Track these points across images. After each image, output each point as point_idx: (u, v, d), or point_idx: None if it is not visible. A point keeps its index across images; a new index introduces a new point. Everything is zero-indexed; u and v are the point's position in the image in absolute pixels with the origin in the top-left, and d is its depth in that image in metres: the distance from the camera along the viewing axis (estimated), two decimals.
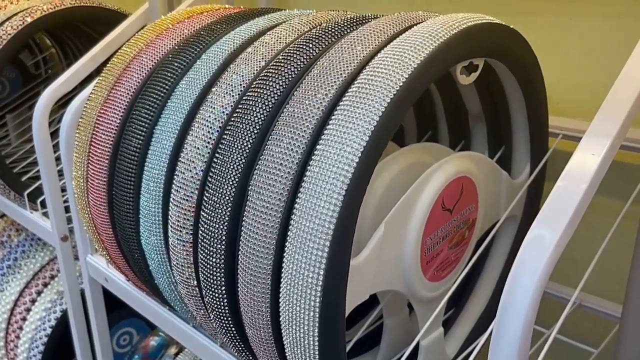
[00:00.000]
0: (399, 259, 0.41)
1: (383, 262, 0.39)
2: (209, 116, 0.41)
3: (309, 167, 0.34)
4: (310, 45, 0.40)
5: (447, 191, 0.43)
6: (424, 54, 0.35)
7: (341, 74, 0.36)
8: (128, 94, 0.49)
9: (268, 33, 0.45)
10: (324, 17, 0.46)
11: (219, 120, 0.41)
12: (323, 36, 0.41)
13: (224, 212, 0.38)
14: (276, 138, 0.36)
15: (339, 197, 0.32)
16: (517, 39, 0.43)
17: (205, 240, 0.39)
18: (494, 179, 0.49)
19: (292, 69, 0.39)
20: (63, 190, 0.73)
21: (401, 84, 0.34)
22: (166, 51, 0.49)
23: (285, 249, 0.34)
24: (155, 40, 0.51)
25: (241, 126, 0.38)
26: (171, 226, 0.43)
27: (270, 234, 0.35)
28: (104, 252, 0.55)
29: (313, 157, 0.34)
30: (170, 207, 0.43)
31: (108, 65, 0.53)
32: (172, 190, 0.42)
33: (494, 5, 0.63)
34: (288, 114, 0.36)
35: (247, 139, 0.38)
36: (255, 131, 0.38)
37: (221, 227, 0.38)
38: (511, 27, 0.42)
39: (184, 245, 0.42)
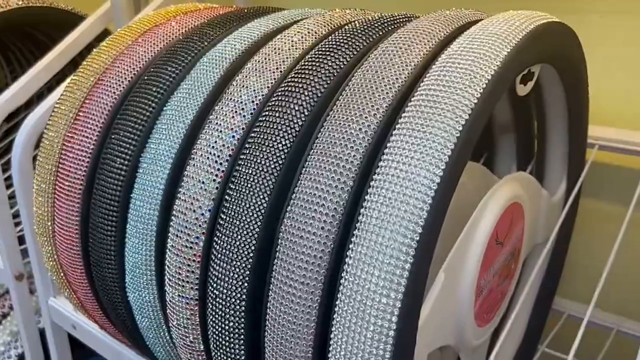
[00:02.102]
0: (455, 308, 0.34)
1: (443, 315, 0.32)
2: (215, 142, 0.33)
3: (362, 212, 0.26)
4: (341, 51, 0.33)
5: (500, 222, 0.36)
6: (498, 61, 0.28)
7: (391, 87, 0.29)
8: (103, 112, 0.40)
9: (277, 37, 0.37)
10: (342, 17, 0.38)
11: (228, 147, 0.33)
12: (354, 40, 0.34)
13: (244, 264, 0.30)
14: (312, 172, 0.28)
15: (408, 252, 0.25)
16: (573, 39, 0.37)
17: (218, 298, 0.31)
18: (537, 200, 0.43)
19: (322, 81, 0.31)
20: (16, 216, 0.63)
21: (476, 101, 0.26)
22: (149, 58, 0.41)
23: (335, 315, 0.27)
24: (133, 45, 0.42)
25: (261, 155, 0.31)
26: (169, 279, 0.34)
27: (311, 295, 0.27)
28: (76, 302, 0.46)
29: (367, 198, 0.26)
30: (167, 256, 0.34)
31: (75, 76, 0.44)
32: (170, 234, 0.34)
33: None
34: (325, 141, 0.29)
35: (270, 172, 0.30)
36: (280, 161, 0.30)
37: (240, 282, 0.30)
38: (569, 26, 0.36)
39: (187, 303, 0.34)
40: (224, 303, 0.31)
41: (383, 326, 0.25)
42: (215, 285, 0.31)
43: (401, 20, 0.36)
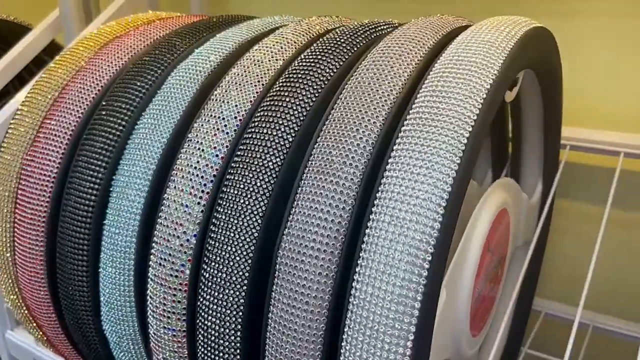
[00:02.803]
0: (454, 322, 0.33)
1: (444, 332, 0.31)
2: (197, 162, 0.31)
3: (367, 232, 0.25)
4: (326, 62, 0.31)
5: (491, 230, 0.35)
6: (495, 70, 0.27)
7: (386, 99, 0.28)
8: (66, 132, 0.37)
9: (255, 48, 0.35)
10: (320, 25, 0.37)
11: (211, 167, 0.31)
12: (338, 49, 0.32)
13: (238, 292, 0.28)
14: (309, 191, 0.27)
15: (421, 274, 0.24)
16: (553, 43, 0.37)
17: (210, 329, 0.29)
18: (518, 204, 0.43)
19: (310, 94, 0.30)
20: None
21: (477, 112, 0.26)
22: (114, 73, 0.38)
23: (343, 344, 0.25)
24: (94, 59, 0.40)
25: (250, 175, 0.29)
26: (152, 311, 0.32)
27: (315, 323, 0.26)
28: (40, 337, 0.42)
29: (373, 217, 0.25)
30: (149, 286, 0.32)
31: (30, 94, 0.41)
32: (151, 263, 0.31)
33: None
34: (321, 158, 0.27)
35: (261, 192, 0.28)
36: (272, 181, 0.28)
37: (235, 311, 0.28)
38: (549, 30, 0.36)
39: (174, 335, 0.31)
40: (216, 334, 0.29)
41: (397, 352, 0.24)
42: (206, 315, 0.29)
43: (383, 28, 0.35)
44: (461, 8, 0.58)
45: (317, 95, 0.30)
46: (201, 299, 0.30)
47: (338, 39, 0.33)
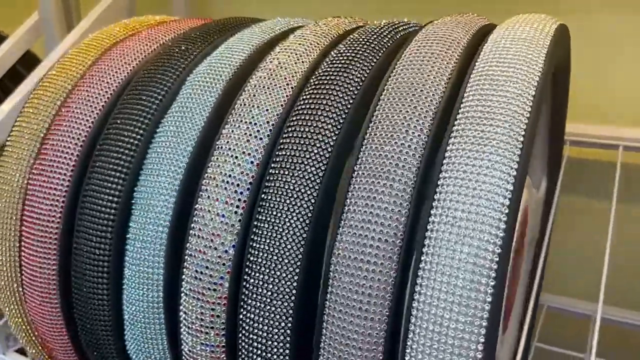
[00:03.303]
0: None
1: None
2: (232, 169, 0.30)
3: (428, 235, 0.24)
4: (359, 63, 0.31)
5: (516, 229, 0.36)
6: (539, 67, 0.27)
7: (431, 99, 0.27)
8: (76, 143, 0.35)
9: (277, 50, 0.34)
10: (338, 26, 0.36)
11: (247, 175, 0.29)
12: (368, 50, 0.32)
13: (286, 302, 0.27)
14: (362, 195, 0.26)
15: (487, 282, 0.23)
16: (569, 40, 0.37)
17: (256, 343, 0.28)
18: (531, 200, 0.43)
19: (347, 96, 0.29)
20: None
21: (529, 109, 0.26)
22: (123, 79, 0.36)
23: (408, 351, 0.25)
24: (98, 65, 0.38)
25: (293, 181, 0.28)
26: (187, 327, 0.30)
27: (376, 330, 0.25)
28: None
29: (433, 220, 0.25)
30: (182, 302, 0.30)
31: (29, 104, 0.39)
32: (184, 277, 0.30)
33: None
34: (370, 161, 0.26)
35: (305, 199, 0.27)
36: (316, 186, 0.28)
37: (282, 322, 0.27)
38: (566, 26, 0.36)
39: (212, 351, 0.30)
40: (263, 347, 0.28)
41: (469, 356, 0.23)
42: (249, 328, 0.28)
43: (406, 28, 0.34)
44: (449, 8, 0.59)
45: (353, 97, 0.29)
46: (244, 312, 0.28)
47: (366, 40, 0.33)
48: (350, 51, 0.32)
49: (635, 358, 0.58)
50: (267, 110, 0.31)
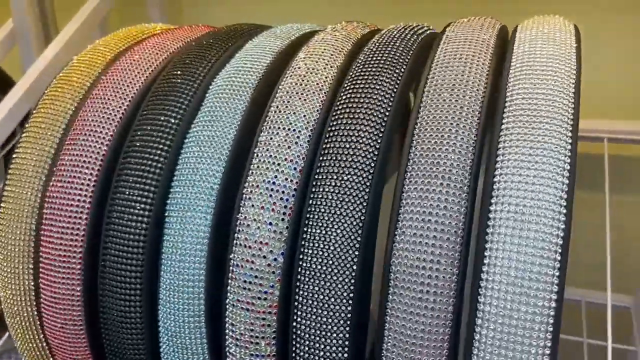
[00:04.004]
0: None
1: None
2: (275, 177, 0.29)
3: (489, 231, 0.25)
4: (392, 66, 0.31)
5: None
6: (573, 65, 0.28)
7: (474, 100, 0.28)
8: (97, 157, 0.33)
9: (301, 56, 0.34)
10: (355, 30, 0.37)
11: (291, 181, 0.29)
12: (397, 53, 0.32)
13: (342, 306, 0.27)
14: (417, 196, 0.26)
15: (553, 273, 0.24)
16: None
17: (312, 348, 0.28)
18: None
19: (385, 99, 0.30)
20: None
21: (573, 107, 0.27)
22: (139, 87, 0.35)
23: (476, 344, 0.25)
24: (109, 76, 0.36)
25: (342, 185, 0.28)
26: (236, 339, 0.30)
27: (442, 327, 0.26)
28: None
29: (492, 216, 0.25)
30: (228, 313, 0.30)
31: (35, 119, 0.37)
32: (230, 288, 0.30)
33: None
34: (424, 162, 0.27)
35: (357, 202, 0.28)
36: (366, 189, 0.28)
37: (340, 327, 0.27)
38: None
39: None
40: (320, 352, 0.28)
41: (538, 353, 0.24)
42: (304, 335, 0.28)
43: (424, 31, 0.35)
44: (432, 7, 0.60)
45: (391, 99, 0.30)
46: (298, 319, 0.28)
47: (391, 43, 0.33)
48: (379, 54, 0.32)
49: None
50: (304, 116, 0.31)
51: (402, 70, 0.31)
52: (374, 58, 0.32)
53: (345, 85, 0.31)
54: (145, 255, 0.31)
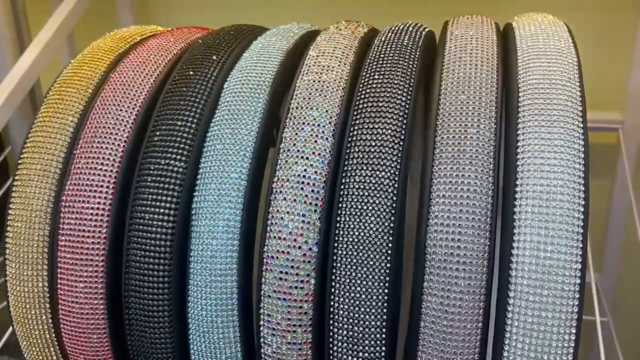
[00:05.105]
0: None
1: None
2: (305, 170, 0.30)
3: (516, 217, 0.27)
4: (404, 61, 0.33)
5: None
6: (574, 57, 0.31)
7: (491, 91, 0.30)
8: (114, 158, 0.33)
9: (312, 55, 0.35)
10: (357, 28, 0.38)
11: (321, 174, 0.31)
12: (407, 48, 0.34)
13: (378, 290, 0.29)
14: (447, 181, 0.28)
15: (577, 259, 0.27)
16: None
17: (349, 332, 0.29)
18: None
19: (404, 93, 0.31)
20: None
21: (581, 98, 0.29)
22: (149, 89, 0.35)
23: (508, 328, 0.27)
24: (115, 78, 0.36)
25: (372, 174, 0.29)
26: (272, 328, 0.31)
27: (473, 316, 0.28)
28: None
29: (517, 203, 0.27)
30: (264, 304, 0.31)
31: (39, 123, 0.36)
32: (265, 280, 0.30)
33: None
34: (450, 150, 0.29)
35: (387, 191, 0.29)
36: (395, 177, 0.29)
37: (376, 310, 0.29)
38: None
39: (300, 349, 0.31)
40: (357, 336, 0.29)
41: (565, 344, 0.26)
42: (342, 319, 0.29)
43: (424, 28, 0.37)
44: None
45: (410, 92, 0.32)
46: (335, 304, 0.29)
47: (399, 40, 0.35)
48: (390, 50, 0.34)
49: None
50: (326, 111, 0.32)
51: (415, 63, 0.33)
52: (387, 54, 0.34)
53: (363, 80, 0.33)
54: (173, 254, 0.32)
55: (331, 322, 0.30)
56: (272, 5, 0.70)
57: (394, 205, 0.29)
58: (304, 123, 0.32)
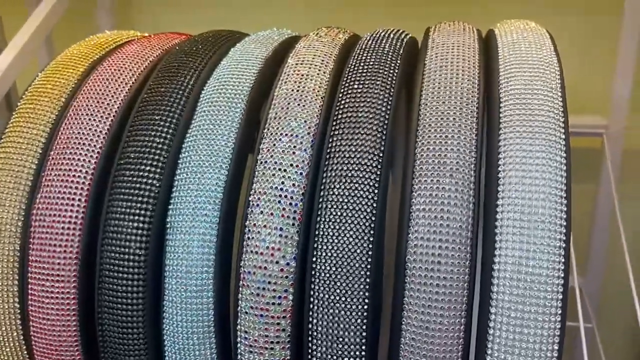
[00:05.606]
0: None
1: None
2: (282, 182, 0.30)
3: (498, 224, 0.27)
4: (385, 69, 0.32)
5: None
6: (556, 66, 0.31)
7: (471, 99, 0.30)
8: (87, 170, 0.32)
9: (292, 63, 0.34)
10: (337, 35, 0.37)
11: (298, 186, 0.30)
12: (388, 57, 0.33)
13: (359, 304, 0.28)
14: (427, 194, 0.28)
15: (560, 267, 0.26)
16: None
17: (329, 349, 0.29)
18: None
19: (384, 102, 0.31)
20: None
21: (563, 106, 0.29)
22: (123, 98, 0.34)
23: (491, 332, 0.27)
24: (89, 86, 0.35)
25: (350, 187, 0.29)
26: (250, 345, 0.30)
27: (457, 325, 0.27)
28: None
29: (500, 210, 0.27)
30: (241, 321, 0.30)
31: (9, 134, 0.35)
32: (242, 296, 0.30)
33: None
34: (432, 162, 0.28)
35: (367, 204, 0.28)
36: (375, 190, 0.29)
37: (356, 323, 0.28)
38: None
39: None
40: (337, 352, 0.29)
41: (548, 344, 0.26)
42: (321, 336, 0.29)
43: (406, 35, 0.36)
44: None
45: (390, 101, 0.31)
46: (313, 321, 0.29)
47: (380, 48, 0.34)
48: (370, 58, 0.33)
49: None
50: (304, 121, 0.31)
51: (396, 71, 0.32)
52: (367, 62, 0.33)
53: (342, 89, 0.32)
54: (148, 270, 0.31)
55: (310, 339, 0.29)
56: (256, 5, 0.69)
57: (374, 218, 0.28)
58: (281, 134, 0.31)
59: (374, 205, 0.28)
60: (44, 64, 0.40)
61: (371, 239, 0.28)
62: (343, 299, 0.28)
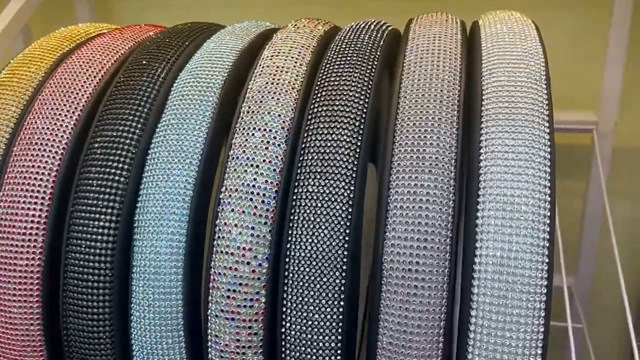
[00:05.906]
0: None
1: None
2: (254, 179, 0.28)
3: (479, 222, 0.25)
4: (363, 61, 0.31)
5: None
6: (541, 58, 0.29)
7: (452, 91, 0.28)
8: (51, 167, 0.31)
9: (267, 55, 0.33)
10: (316, 26, 0.36)
11: (271, 183, 0.28)
12: (366, 49, 0.32)
13: (333, 307, 0.27)
14: (405, 192, 0.26)
15: (544, 260, 0.25)
16: None
17: (302, 354, 0.27)
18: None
19: (361, 95, 0.29)
20: None
21: (547, 97, 0.28)
22: (91, 92, 0.33)
23: (472, 336, 0.25)
24: (56, 79, 0.34)
25: (326, 184, 0.27)
26: (220, 350, 0.28)
27: (435, 328, 0.26)
28: None
29: (480, 207, 0.26)
30: (211, 325, 0.28)
31: None
32: (212, 298, 0.28)
33: None
34: (409, 157, 0.27)
35: (342, 201, 0.27)
36: (351, 187, 0.27)
37: (331, 326, 0.27)
38: None
39: None
40: (312, 355, 0.27)
41: (532, 347, 0.25)
42: (295, 340, 0.27)
43: (387, 27, 0.35)
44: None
45: (368, 95, 0.30)
46: (287, 324, 0.27)
47: (359, 39, 0.33)
48: (348, 50, 0.32)
49: None
50: (279, 115, 0.30)
51: (374, 65, 0.31)
52: (345, 54, 0.32)
53: (319, 82, 0.31)
54: (114, 271, 0.29)
55: (283, 343, 0.28)
56: None
57: (349, 217, 0.27)
58: (254, 128, 0.29)
59: (350, 203, 0.27)
60: None
61: (347, 239, 0.27)
62: (317, 301, 0.27)
